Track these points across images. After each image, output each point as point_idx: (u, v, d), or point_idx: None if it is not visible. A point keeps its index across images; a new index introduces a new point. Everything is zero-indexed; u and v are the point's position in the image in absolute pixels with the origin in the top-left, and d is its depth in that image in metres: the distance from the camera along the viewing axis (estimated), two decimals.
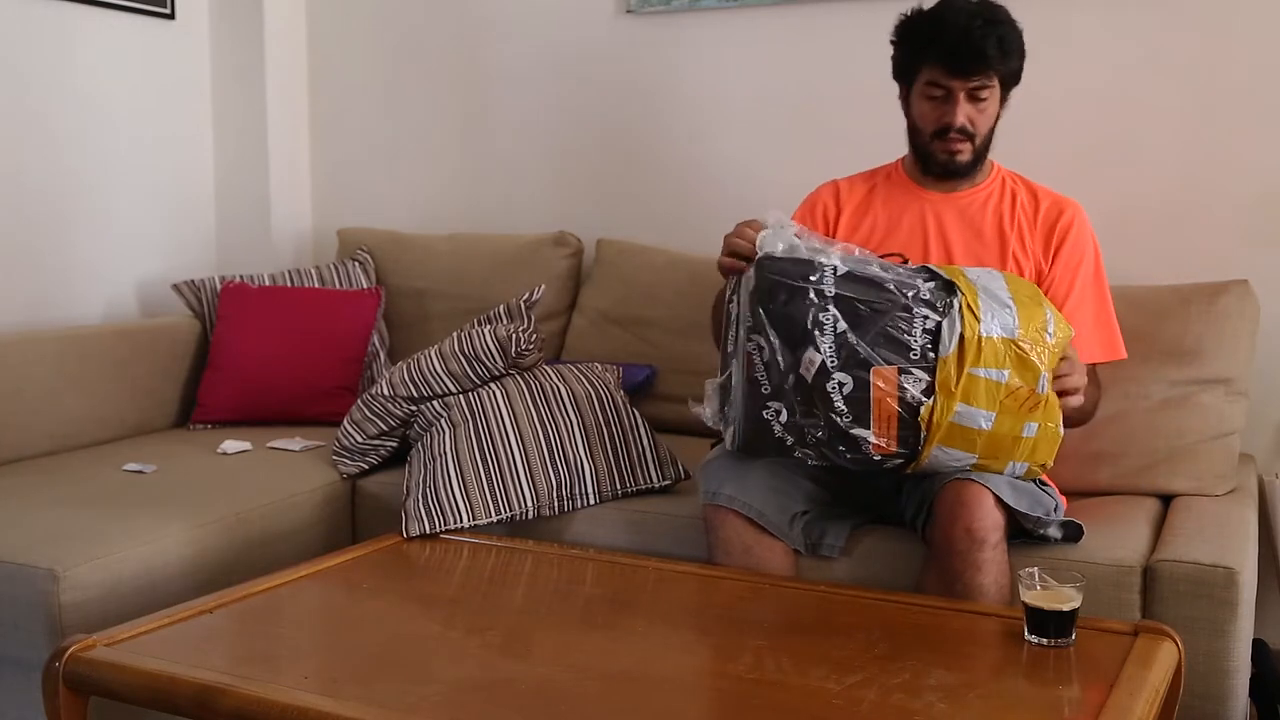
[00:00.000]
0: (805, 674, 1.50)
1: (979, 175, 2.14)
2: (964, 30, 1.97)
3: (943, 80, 2.01)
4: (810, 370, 1.76)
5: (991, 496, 1.79)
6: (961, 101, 2.01)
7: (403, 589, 1.90)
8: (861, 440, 1.78)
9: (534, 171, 3.20)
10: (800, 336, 1.76)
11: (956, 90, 2.01)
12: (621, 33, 3.07)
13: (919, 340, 1.75)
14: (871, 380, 1.75)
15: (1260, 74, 2.46)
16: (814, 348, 1.75)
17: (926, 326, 1.75)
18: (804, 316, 1.76)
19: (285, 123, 3.40)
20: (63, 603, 1.88)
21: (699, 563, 1.96)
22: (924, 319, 1.76)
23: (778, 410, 1.80)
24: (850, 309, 1.76)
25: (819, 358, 1.75)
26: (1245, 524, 2.04)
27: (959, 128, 2.03)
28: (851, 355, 1.75)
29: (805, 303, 1.76)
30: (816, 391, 1.76)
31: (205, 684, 1.44)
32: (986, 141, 2.08)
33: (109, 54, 3.09)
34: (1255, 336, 2.29)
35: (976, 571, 1.77)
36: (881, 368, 1.75)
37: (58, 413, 2.66)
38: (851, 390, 1.76)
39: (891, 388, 1.75)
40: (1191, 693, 1.72)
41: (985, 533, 1.77)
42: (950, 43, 1.98)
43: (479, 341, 2.40)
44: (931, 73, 2.02)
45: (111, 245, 3.12)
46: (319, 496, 2.38)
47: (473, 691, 1.46)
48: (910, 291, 1.77)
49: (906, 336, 1.75)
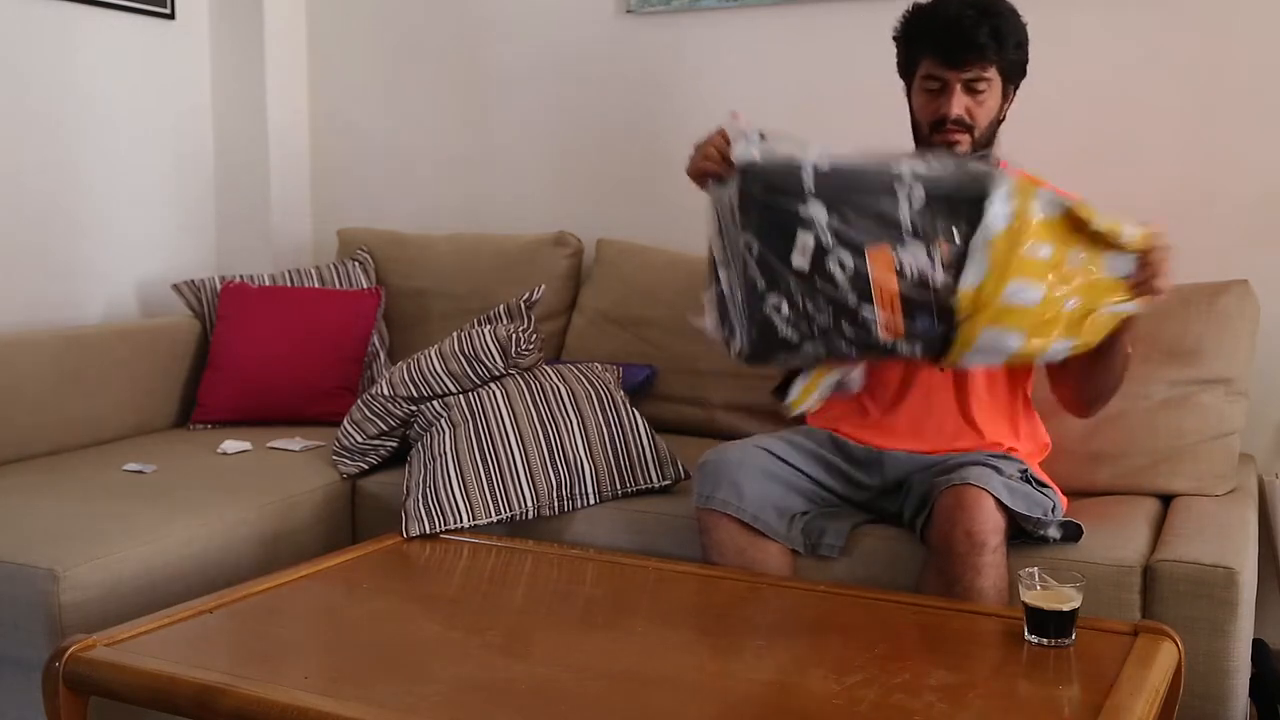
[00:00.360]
0: (805, 674, 1.50)
1: None
2: (955, 20, 1.97)
3: (937, 72, 2.01)
4: (806, 254, 1.75)
5: (991, 499, 1.79)
6: (957, 93, 2.00)
7: (403, 589, 1.90)
8: (869, 321, 1.75)
9: (534, 171, 3.20)
10: (791, 229, 1.75)
11: (952, 81, 2.00)
12: (621, 33, 3.07)
13: (909, 216, 1.74)
14: (868, 260, 1.74)
15: (1260, 74, 2.46)
16: (806, 232, 1.75)
17: (915, 205, 1.74)
18: (793, 211, 1.75)
19: (285, 122, 3.40)
20: (63, 603, 1.88)
21: (699, 563, 1.97)
22: (908, 195, 1.74)
23: (778, 304, 1.78)
24: (835, 197, 1.75)
25: (812, 240, 1.74)
26: (1245, 524, 2.04)
27: (955, 119, 2.01)
28: (843, 237, 1.74)
29: (792, 198, 1.75)
30: (818, 273, 1.75)
31: (205, 684, 1.44)
32: (988, 134, 2.06)
33: (109, 54, 3.09)
34: (1255, 336, 2.28)
35: (976, 575, 1.77)
36: (875, 248, 1.74)
37: (58, 413, 2.66)
38: (853, 269, 1.75)
39: (888, 267, 1.74)
40: (1191, 693, 1.72)
41: (985, 536, 1.77)
42: (943, 33, 1.99)
43: (479, 341, 2.40)
44: (928, 65, 2.02)
45: (111, 245, 3.12)
46: (319, 496, 2.38)
47: (473, 691, 1.46)
48: (894, 170, 1.76)
49: (895, 214, 1.74)
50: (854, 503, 2.08)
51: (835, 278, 1.75)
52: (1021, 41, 2.03)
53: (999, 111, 2.06)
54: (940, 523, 1.82)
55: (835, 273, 1.75)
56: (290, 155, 3.43)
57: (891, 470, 2.05)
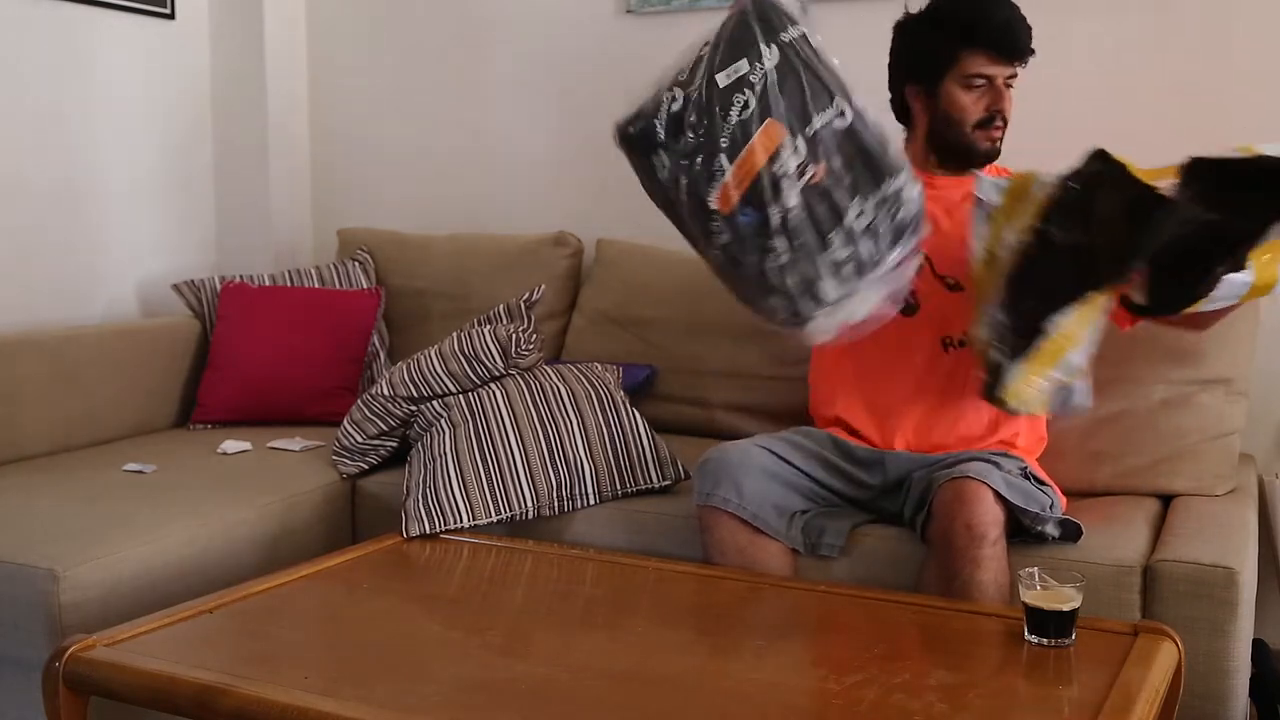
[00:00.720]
0: (805, 674, 1.50)
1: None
2: (1008, 20, 2.03)
3: (987, 69, 2.04)
4: (730, 76, 1.78)
5: (990, 492, 1.80)
6: (1004, 88, 2.07)
7: (403, 589, 1.90)
8: (716, 173, 1.78)
9: (534, 171, 3.20)
10: (741, 51, 1.79)
11: (998, 78, 2.05)
12: (621, 33, 3.06)
13: (819, 126, 1.77)
14: (761, 126, 1.76)
15: (1260, 75, 2.46)
16: (748, 63, 1.78)
17: (834, 125, 1.78)
18: (756, 38, 1.79)
19: (285, 123, 3.41)
20: (63, 603, 1.88)
21: (698, 563, 1.96)
22: (838, 113, 1.78)
23: (674, 98, 1.82)
24: (792, 59, 1.78)
25: (745, 70, 1.77)
26: (1245, 524, 2.04)
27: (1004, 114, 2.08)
28: (767, 92, 1.77)
29: (767, 30, 1.79)
30: (720, 97, 1.78)
31: (205, 684, 1.44)
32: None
33: (109, 54, 3.09)
34: (1255, 336, 2.28)
35: (976, 568, 1.77)
36: (776, 124, 1.76)
37: (58, 413, 2.66)
38: (747, 118, 1.77)
39: (769, 144, 1.76)
40: (1191, 693, 1.72)
41: (985, 528, 1.77)
42: (999, 32, 2.03)
43: (479, 341, 2.40)
44: (974, 62, 2.04)
45: (111, 245, 3.13)
46: (319, 496, 2.38)
47: (473, 691, 1.46)
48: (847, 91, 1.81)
49: (813, 115, 1.77)
50: (855, 502, 2.08)
51: (730, 112, 1.77)
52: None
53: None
54: (940, 516, 1.82)
55: (734, 108, 1.77)
56: (290, 155, 3.43)
57: (894, 469, 2.05)
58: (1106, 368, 2.24)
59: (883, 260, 1.81)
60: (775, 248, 1.77)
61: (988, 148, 2.10)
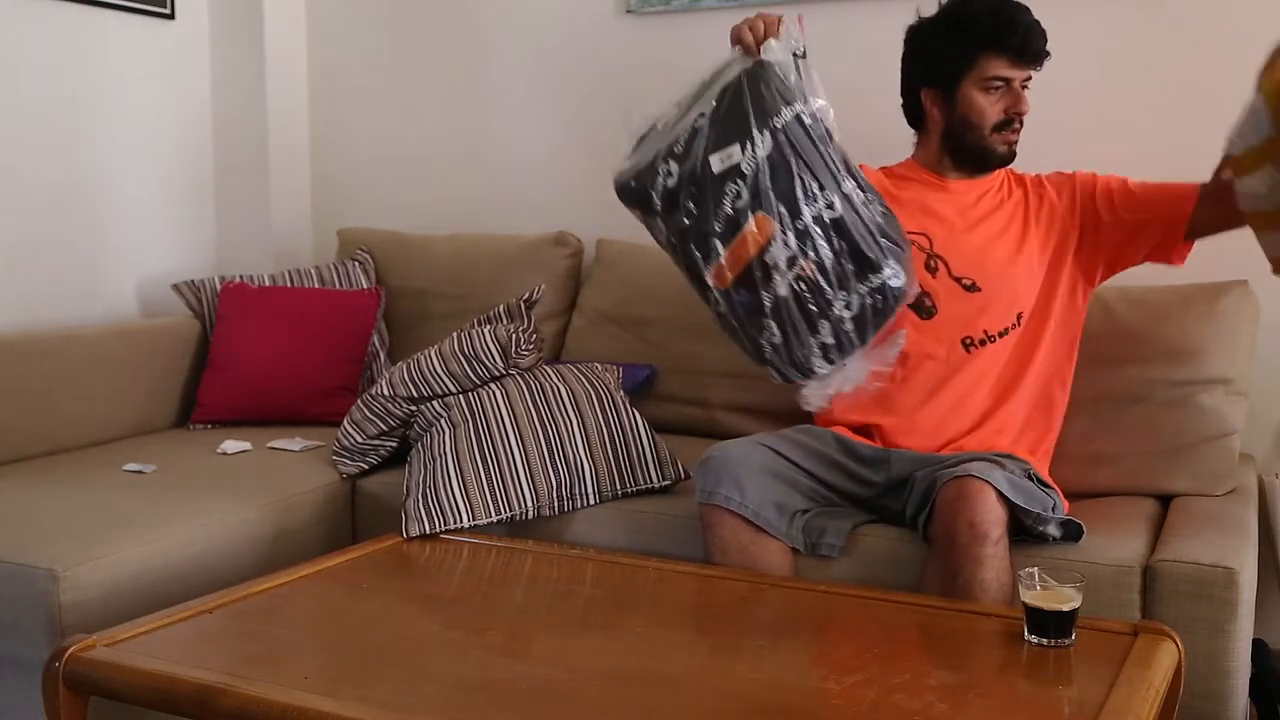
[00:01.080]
0: (805, 674, 1.50)
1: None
2: (1028, 25, 2.06)
3: (1006, 72, 2.07)
4: (724, 162, 1.81)
5: (993, 491, 1.80)
6: (1021, 90, 2.09)
7: (403, 589, 1.90)
8: (711, 254, 1.84)
9: (534, 171, 3.20)
10: (735, 135, 1.82)
11: (1018, 81, 2.08)
12: (621, 33, 3.07)
13: (811, 216, 1.81)
14: (752, 218, 1.81)
15: None
16: (740, 150, 1.81)
17: (824, 215, 1.81)
18: (750, 123, 1.81)
19: (285, 123, 3.41)
20: (63, 603, 1.88)
21: (698, 563, 1.96)
22: (827, 205, 1.82)
23: (670, 171, 1.86)
24: (780, 152, 1.81)
25: (738, 157, 1.81)
26: (1245, 524, 2.04)
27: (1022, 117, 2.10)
28: (758, 182, 1.81)
29: (761, 116, 1.82)
30: (713, 185, 1.82)
31: (205, 684, 1.44)
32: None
33: (109, 54, 3.09)
34: (1255, 337, 2.29)
35: (978, 566, 1.77)
36: (765, 216, 1.81)
37: (58, 413, 2.66)
38: (740, 207, 1.82)
39: (761, 236, 1.81)
40: (1191, 693, 1.72)
41: (987, 526, 1.77)
42: (1019, 35, 2.05)
43: (479, 341, 2.40)
44: (993, 65, 2.07)
45: (111, 245, 3.13)
46: (319, 496, 2.38)
47: (473, 691, 1.46)
48: (839, 177, 1.84)
49: (802, 205, 1.81)
50: (857, 501, 2.08)
51: (724, 200, 1.82)
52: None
53: None
54: (942, 514, 1.82)
55: (727, 197, 1.82)
56: (290, 155, 3.43)
57: (898, 468, 2.05)
58: (1106, 368, 2.26)
59: (869, 340, 1.88)
60: (768, 327, 1.86)
61: (1004, 151, 2.13)
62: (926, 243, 2.11)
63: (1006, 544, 1.81)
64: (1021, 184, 2.20)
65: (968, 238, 2.12)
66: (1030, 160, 2.21)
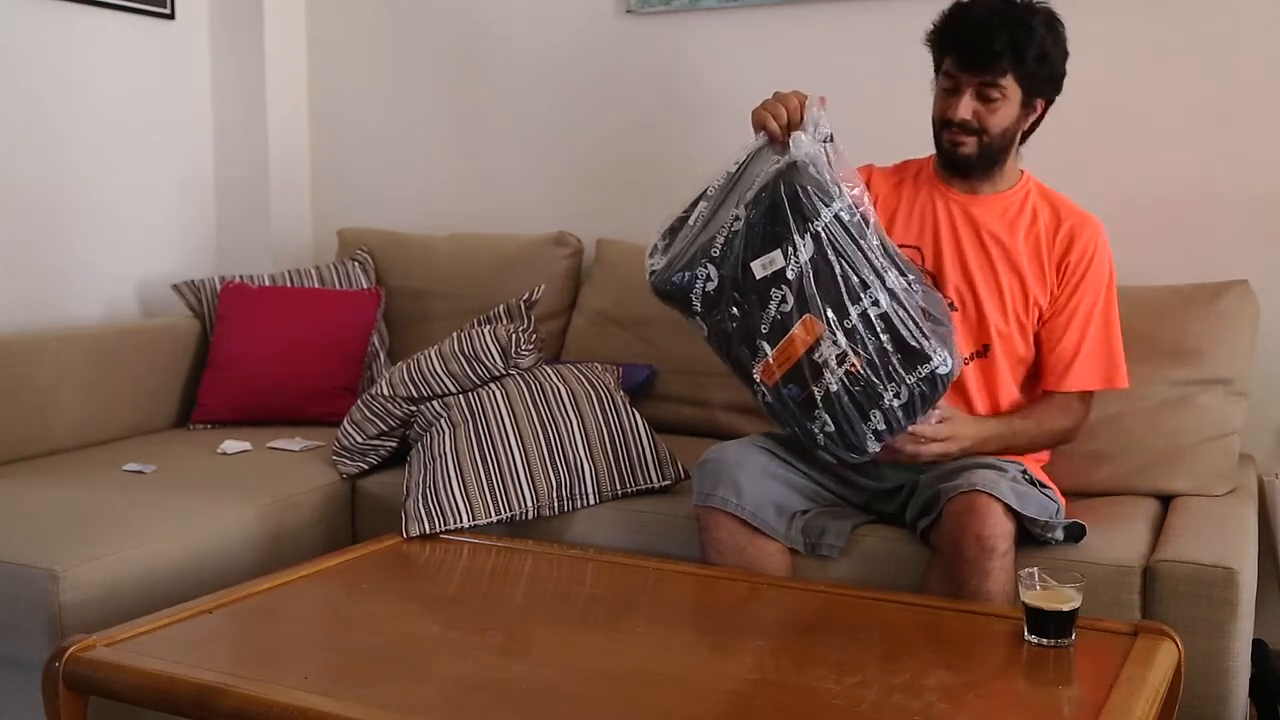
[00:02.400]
0: (805, 674, 1.50)
1: (1000, 181, 2.10)
2: (977, 24, 1.98)
3: (954, 72, 2.02)
4: (766, 269, 1.84)
5: (1001, 505, 1.79)
6: (967, 96, 2.00)
7: (403, 589, 1.90)
8: (759, 352, 1.86)
9: (534, 171, 3.20)
10: (777, 240, 1.83)
11: (964, 84, 2.00)
12: (621, 33, 3.06)
13: (857, 314, 1.82)
14: (800, 321, 1.83)
15: (1261, 74, 2.46)
16: (783, 255, 1.82)
17: (870, 310, 1.83)
18: (791, 230, 1.82)
19: (285, 122, 3.40)
20: (63, 603, 1.88)
21: (698, 563, 1.96)
22: (872, 302, 1.83)
23: (709, 275, 1.89)
24: (822, 253, 1.82)
25: (780, 263, 1.83)
26: (1245, 524, 2.04)
27: (959, 122, 2.01)
28: (803, 288, 1.83)
29: (800, 220, 1.82)
30: (759, 290, 1.84)
31: (205, 684, 1.44)
32: (1001, 144, 2.04)
33: (109, 54, 3.09)
34: (1255, 336, 2.29)
35: (984, 579, 1.76)
36: (813, 319, 1.83)
37: (57, 413, 2.66)
38: (786, 311, 1.84)
39: (808, 337, 1.83)
40: (1191, 693, 1.72)
41: (995, 541, 1.77)
42: (964, 35, 1.99)
43: (479, 341, 2.40)
44: (947, 64, 2.03)
45: (111, 245, 3.12)
46: (319, 496, 2.38)
47: (473, 691, 1.46)
48: (881, 273, 1.84)
49: (848, 306, 1.82)
50: (850, 504, 2.08)
51: (769, 305, 1.85)
52: (1047, 55, 1.99)
53: (1018, 122, 2.04)
54: (950, 527, 1.81)
55: (773, 302, 1.84)
56: (290, 155, 3.43)
57: (891, 474, 2.05)
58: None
59: (918, 419, 1.89)
60: (819, 418, 1.88)
61: (948, 150, 2.06)
62: (920, 258, 2.08)
63: (1013, 555, 1.80)
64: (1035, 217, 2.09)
65: (957, 256, 2.07)
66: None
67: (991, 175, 2.10)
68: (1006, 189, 2.11)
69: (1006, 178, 2.11)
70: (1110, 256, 2.10)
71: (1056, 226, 2.08)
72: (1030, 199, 2.11)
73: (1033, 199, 2.11)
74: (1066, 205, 2.11)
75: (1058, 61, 2.02)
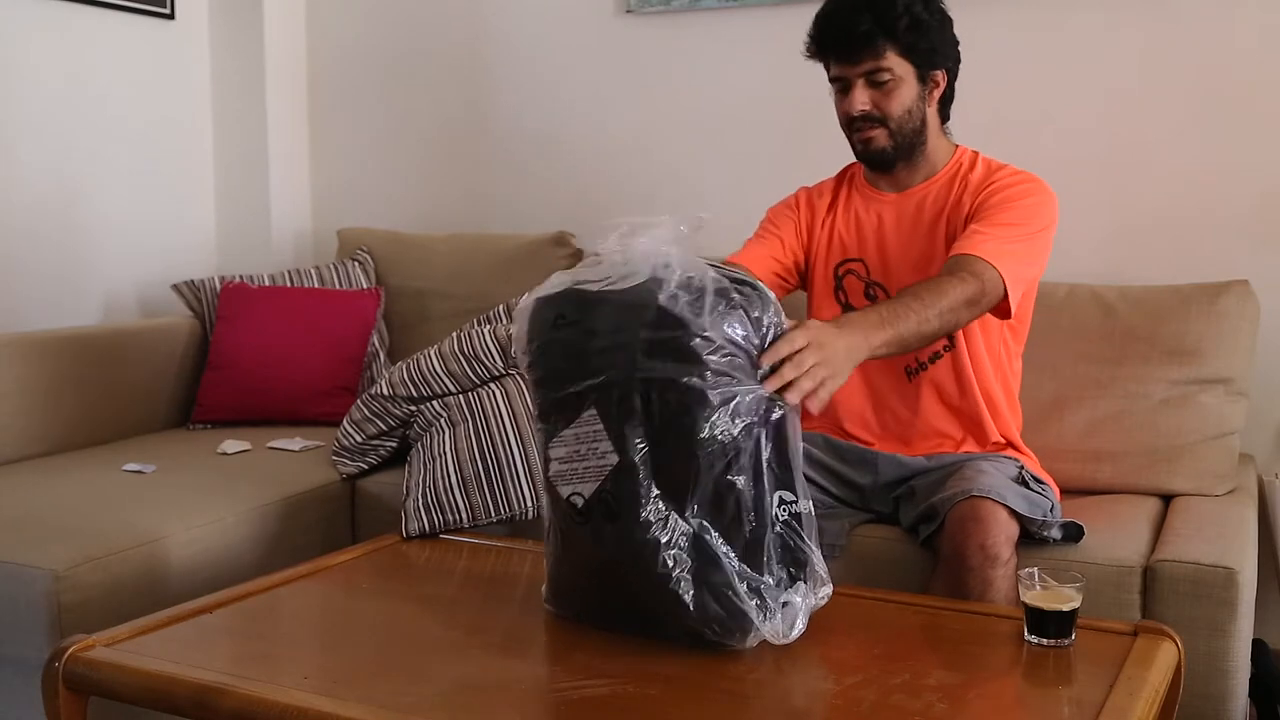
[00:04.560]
0: (805, 674, 1.50)
1: (929, 165, 2.04)
2: (839, 15, 1.94)
3: (838, 71, 1.98)
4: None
5: (1004, 511, 1.78)
6: (858, 88, 1.96)
7: (403, 589, 1.89)
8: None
9: (534, 171, 3.21)
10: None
11: (852, 78, 1.96)
12: (621, 33, 3.07)
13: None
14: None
15: (1261, 75, 2.46)
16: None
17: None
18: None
19: (285, 123, 3.41)
20: (63, 603, 1.88)
21: None
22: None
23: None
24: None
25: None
26: (1245, 524, 2.04)
27: (858, 115, 1.97)
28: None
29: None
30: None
31: (205, 684, 1.43)
32: (911, 126, 1.98)
33: (109, 54, 3.09)
34: (1255, 336, 2.29)
35: (988, 587, 1.76)
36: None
37: (57, 413, 2.66)
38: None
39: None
40: (1191, 693, 1.72)
41: (998, 549, 1.76)
42: (830, 31, 1.96)
43: (479, 341, 2.40)
44: (832, 68, 2.00)
45: (111, 245, 3.13)
46: (319, 496, 2.38)
47: (473, 691, 1.46)
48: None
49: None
50: (847, 504, 2.07)
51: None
52: (919, 22, 1.92)
53: (921, 100, 1.98)
54: (953, 534, 1.80)
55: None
56: (290, 155, 3.43)
57: (886, 471, 2.05)
58: (1106, 367, 2.25)
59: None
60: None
61: (861, 149, 2.03)
62: (864, 270, 2.06)
63: (1015, 562, 1.80)
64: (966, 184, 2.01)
65: (905, 256, 2.03)
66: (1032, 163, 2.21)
67: (916, 162, 2.04)
68: (941, 169, 2.05)
69: (935, 159, 2.05)
70: (1047, 203, 1.96)
71: (984, 180, 2.00)
72: (960, 171, 2.04)
73: (963, 170, 2.04)
74: (1005, 167, 2.02)
75: (935, 27, 1.95)
